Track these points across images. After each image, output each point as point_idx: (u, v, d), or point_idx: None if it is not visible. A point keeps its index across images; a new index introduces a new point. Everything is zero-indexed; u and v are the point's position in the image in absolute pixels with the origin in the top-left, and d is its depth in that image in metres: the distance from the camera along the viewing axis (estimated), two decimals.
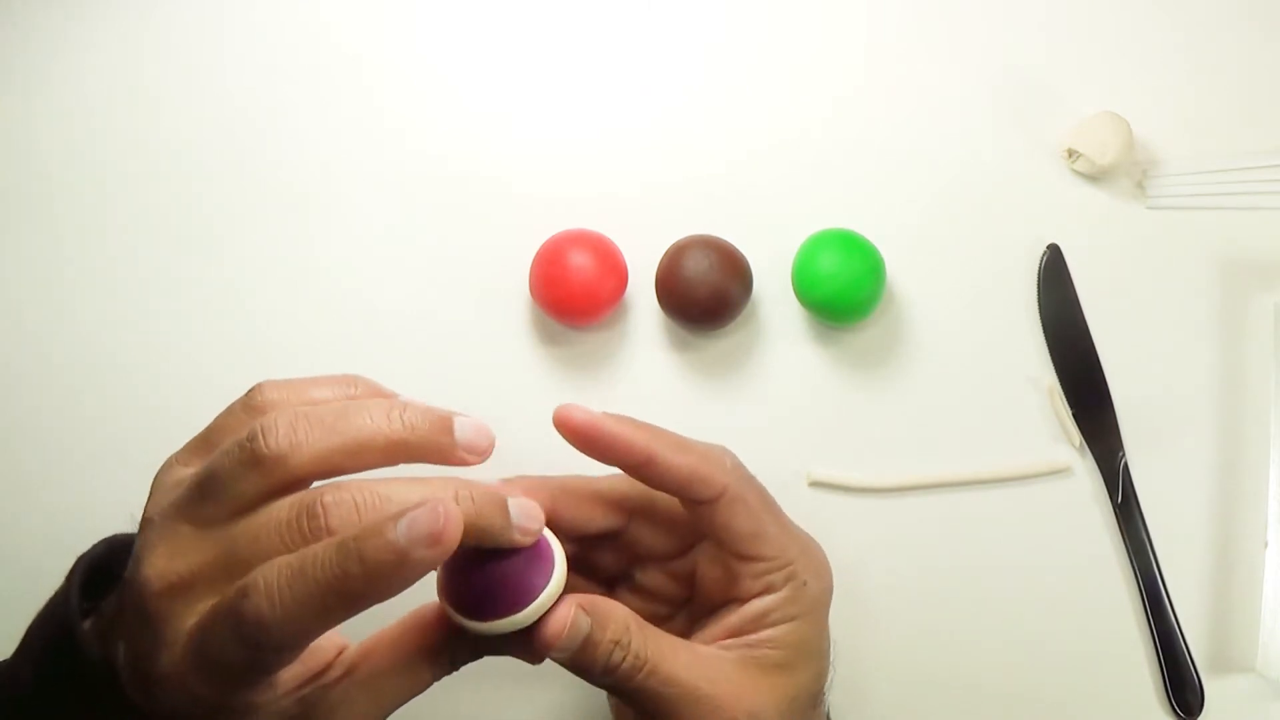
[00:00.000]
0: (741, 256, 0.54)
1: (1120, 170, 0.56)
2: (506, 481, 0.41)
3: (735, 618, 0.41)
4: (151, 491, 0.37)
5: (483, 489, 0.37)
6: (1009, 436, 0.54)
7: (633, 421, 0.41)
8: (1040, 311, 0.55)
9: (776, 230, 0.55)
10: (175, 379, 0.56)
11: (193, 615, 0.34)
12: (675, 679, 0.39)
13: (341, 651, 0.38)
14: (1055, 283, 0.56)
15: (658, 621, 0.42)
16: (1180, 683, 0.51)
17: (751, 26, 0.59)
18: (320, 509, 0.34)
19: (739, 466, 0.42)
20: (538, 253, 0.54)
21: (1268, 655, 0.51)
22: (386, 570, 0.32)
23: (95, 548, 0.41)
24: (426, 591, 0.38)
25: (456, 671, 0.39)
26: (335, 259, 0.57)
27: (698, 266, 0.52)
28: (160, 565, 0.35)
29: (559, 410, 0.40)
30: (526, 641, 0.38)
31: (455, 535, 0.32)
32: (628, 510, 0.43)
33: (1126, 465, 0.54)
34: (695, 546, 0.43)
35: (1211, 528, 0.53)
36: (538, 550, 0.38)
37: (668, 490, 0.41)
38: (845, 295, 0.53)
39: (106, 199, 0.57)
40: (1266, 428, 0.54)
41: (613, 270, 0.54)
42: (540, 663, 0.39)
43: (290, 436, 0.34)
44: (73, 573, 0.39)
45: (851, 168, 0.57)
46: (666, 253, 0.54)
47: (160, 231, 0.57)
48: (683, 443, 0.41)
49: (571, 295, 0.53)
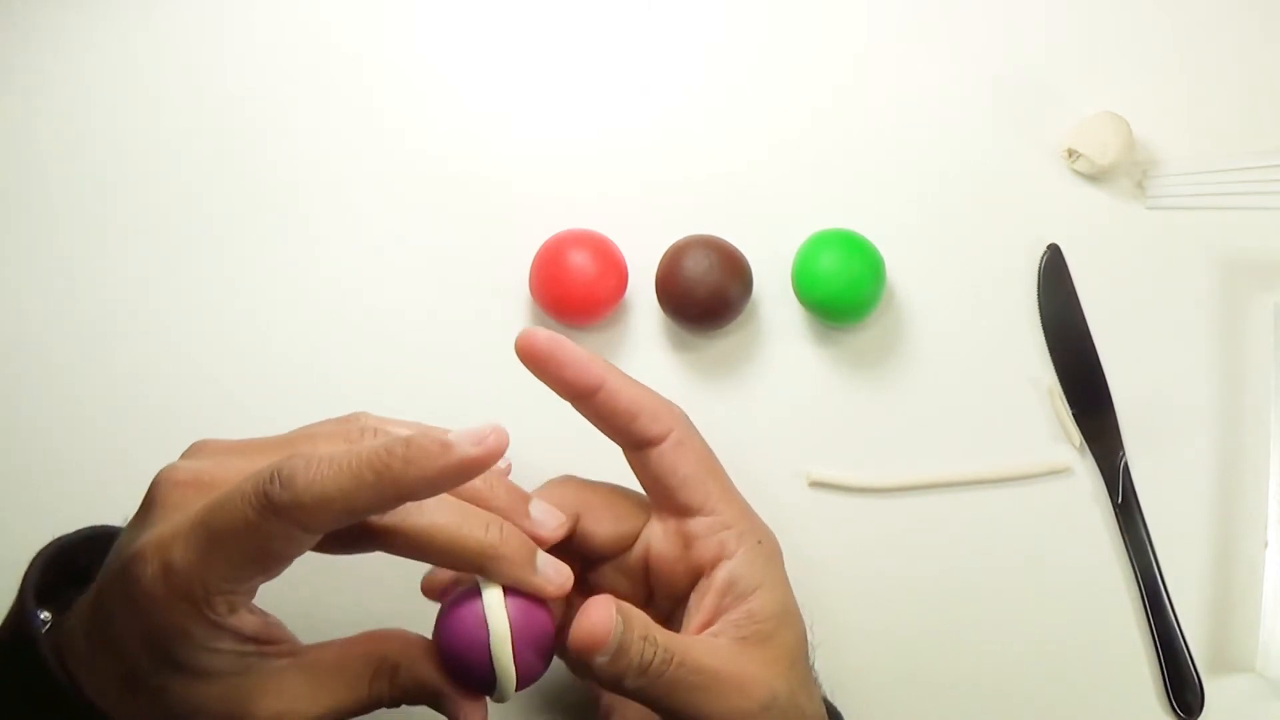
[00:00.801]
0: (741, 256, 0.54)
1: (1120, 170, 0.56)
2: None
3: (709, 597, 0.41)
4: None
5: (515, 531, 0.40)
6: (1009, 436, 0.54)
7: (588, 352, 0.42)
8: (1040, 311, 0.55)
9: (776, 230, 0.55)
10: (176, 379, 0.56)
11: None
12: (702, 665, 0.39)
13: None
14: (1055, 283, 0.56)
15: None
16: (1180, 683, 0.51)
17: (752, 26, 0.59)
18: (372, 424, 0.39)
19: (688, 420, 0.43)
20: (538, 253, 0.54)
21: (1268, 655, 0.51)
22: (429, 456, 0.34)
23: (63, 540, 0.41)
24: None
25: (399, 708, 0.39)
26: (335, 259, 0.57)
27: (698, 266, 0.52)
28: (189, 465, 0.37)
29: (524, 334, 0.41)
30: (567, 654, 0.38)
31: (502, 442, 0.35)
32: (571, 513, 0.43)
33: (1126, 465, 0.54)
34: (641, 533, 0.44)
35: (1211, 528, 0.53)
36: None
37: (615, 422, 0.42)
38: (845, 295, 0.53)
39: (105, 200, 0.57)
40: (1266, 428, 0.54)
41: (613, 270, 0.54)
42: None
43: None
44: (28, 575, 0.39)
45: (851, 168, 0.57)
46: (666, 253, 0.54)
47: (159, 231, 0.57)
48: (634, 380, 0.42)
49: (571, 295, 0.53)
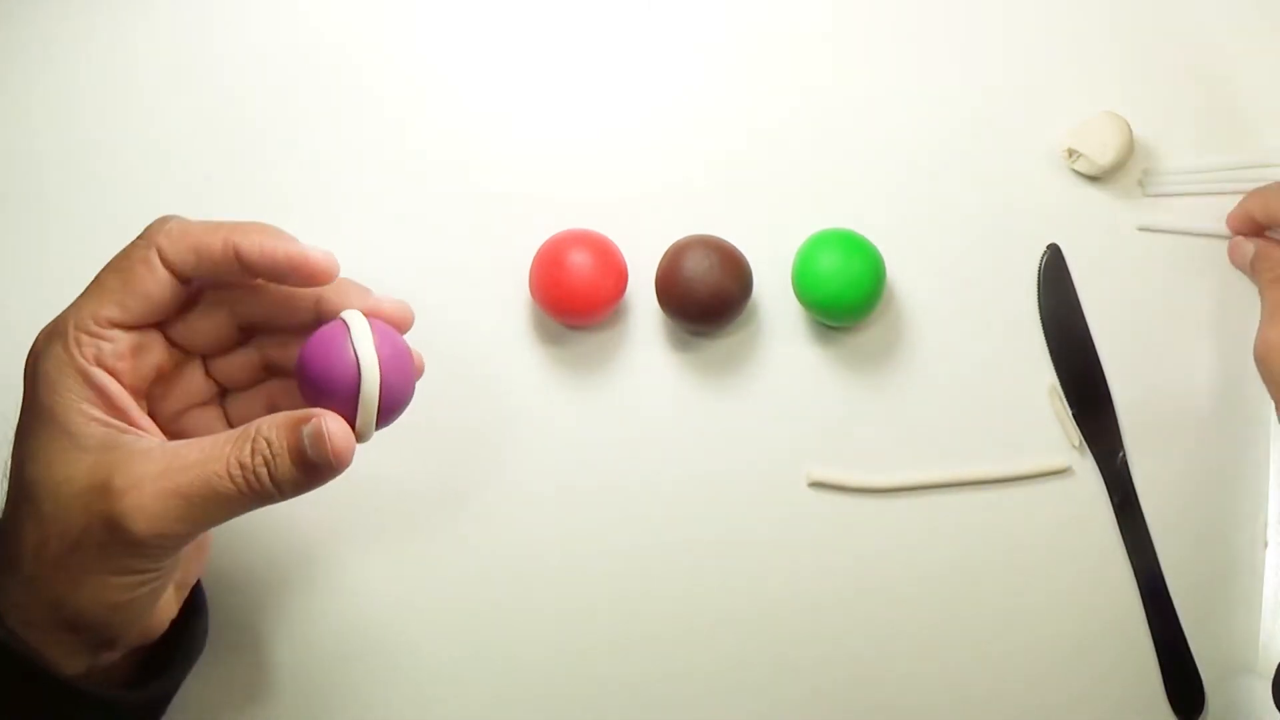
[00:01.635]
0: (741, 256, 0.54)
1: (1120, 170, 0.56)
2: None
3: None
4: None
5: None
6: (1009, 436, 0.54)
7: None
8: (1040, 312, 0.55)
9: (776, 230, 0.55)
10: None
11: None
12: None
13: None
14: (1055, 283, 0.56)
15: None
16: (1180, 683, 0.51)
17: (752, 26, 0.59)
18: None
19: None
20: (538, 253, 0.54)
21: (1268, 655, 0.51)
22: (278, 236, 0.43)
23: None
24: None
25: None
26: (336, 259, 0.57)
27: (698, 266, 0.52)
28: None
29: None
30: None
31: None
32: None
33: (1127, 465, 0.54)
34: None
35: (1211, 528, 0.53)
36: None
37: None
38: (845, 295, 0.53)
39: (104, 200, 0.57)
40: (1266, 428, 0.54)
41: (613, 270, 0.54)
42: None
43: None
44: None
45: (852, 168, 0.57)
46: (666, 253, 0.54)
47: None
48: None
49: (571, 295, 0.53)
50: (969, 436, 0.54)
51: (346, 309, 0.43)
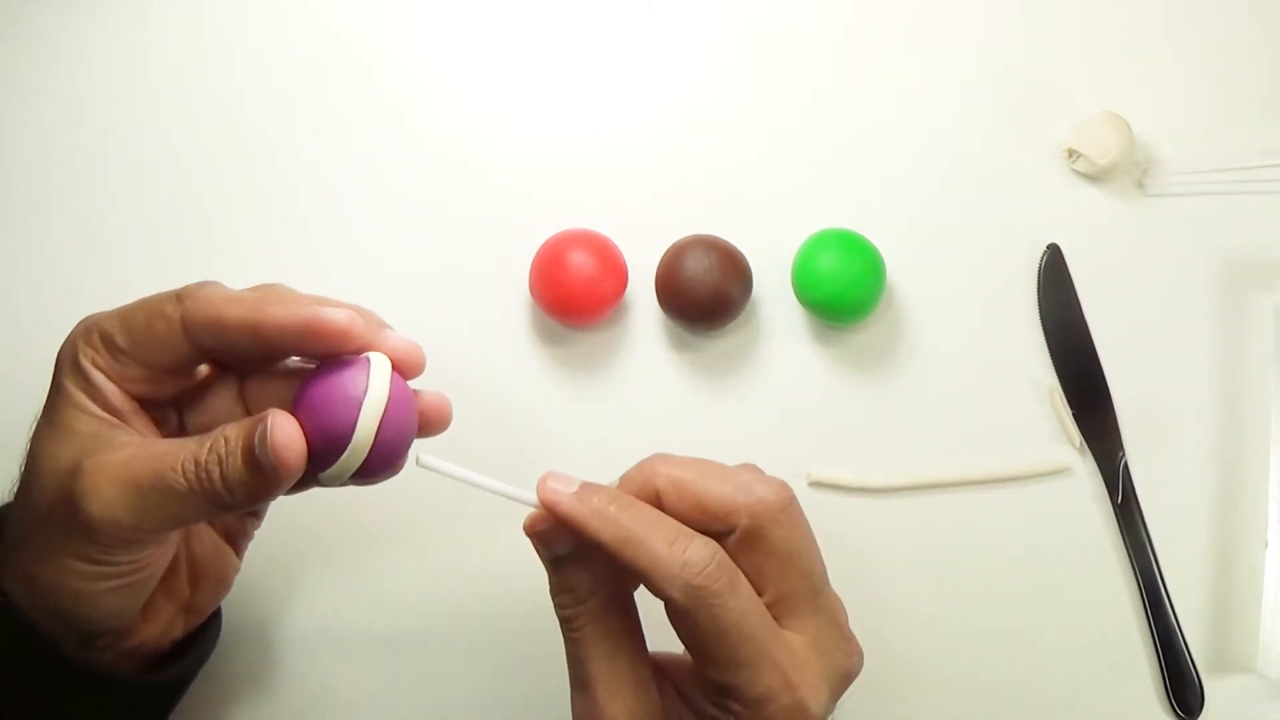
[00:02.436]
0: (741, 256, 0.54)
1: (1120, 170, 0.56)
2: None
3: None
4: None
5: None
6: (1009, 436, 0.54)
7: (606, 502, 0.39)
8: (1040, 311, 0.55)
9: (776, 230, 0.55)
10: None
11: None
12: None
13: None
14: (1055, 283, 0.56)
15: None
16: (1180, 683, 0.51)
17: (751, 26, 0.59)
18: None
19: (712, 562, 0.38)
20: (538, 253, 0.54)
21: (1268, 655, 0.51)
22: (298, 301, 0.39)
23: None
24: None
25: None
26: (335, 259, 0.57)
27: (698, 266, 0.52)
28: None
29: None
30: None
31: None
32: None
33: (1126, 465, 0.54)
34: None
35: (1211, 528, 0.53)
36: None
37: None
38: (845, 295, 0.53)
39: (104, 201, 0.57)
40: (1266, 428, 0.54)
41: (613, 270, 0.54)
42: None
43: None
44: None
45: (851, 168, 0.57)
46: (666, 253, 0.54)
47: (159, 232, 0.57)
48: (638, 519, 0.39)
49: (571, 295, 0.53)
50: (969, 436, 0.54)
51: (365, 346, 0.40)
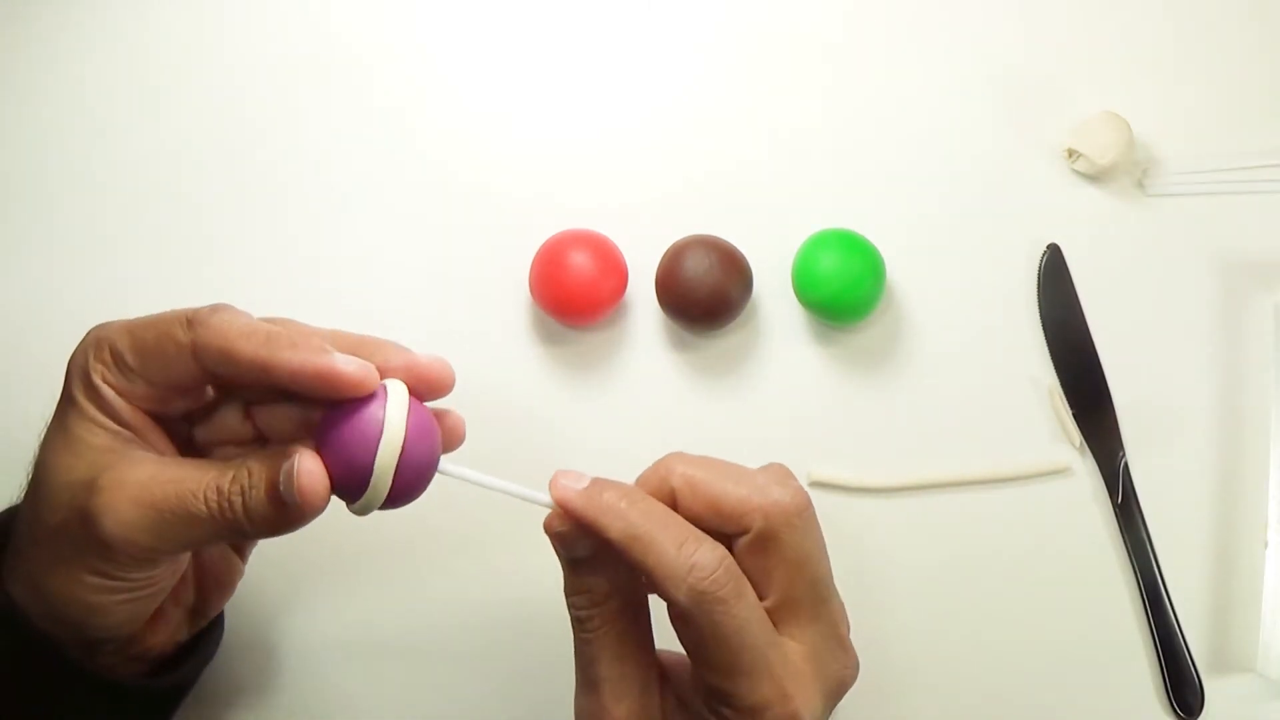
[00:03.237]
0: (741, 256, 0.54)
1: (1120, 170, 0.56)
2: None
3: None
4: None
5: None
6: (1009, 436, 0.54)
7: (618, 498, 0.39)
8: (1040, 311, 0.55)
9: (776, 230, 0.55)
10: None
11: None
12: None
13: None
14: (1055, 283, 0.56)
15: None
16: (1180, 683, 0.51)
17: (752, 26, 0.59)
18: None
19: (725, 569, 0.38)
20: (538, 253, 0.54)
21: (1268, 655, 0.51)
22: (312, 350, 0.38)
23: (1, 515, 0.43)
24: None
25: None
26: (335, 259, 0.57)
27: (698, 266, 0.52)
28: None
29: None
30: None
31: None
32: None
33: (1126, 465, 0.54)
34: None
35: (1211, 528, 0.53)
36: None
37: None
38: (845, 295, 0.53)
39: (104, 201, 0.57)
40: (1266, 428, 0.54)
41: (613, 270, 0.54)
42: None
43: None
44: None
45: (851, 168, 0.57)
46: (666, 253, 0.54)
47: (158, 233, 0.57)
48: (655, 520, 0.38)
49: (571, 295, 0.53)
50: (969, 436, 0.54)
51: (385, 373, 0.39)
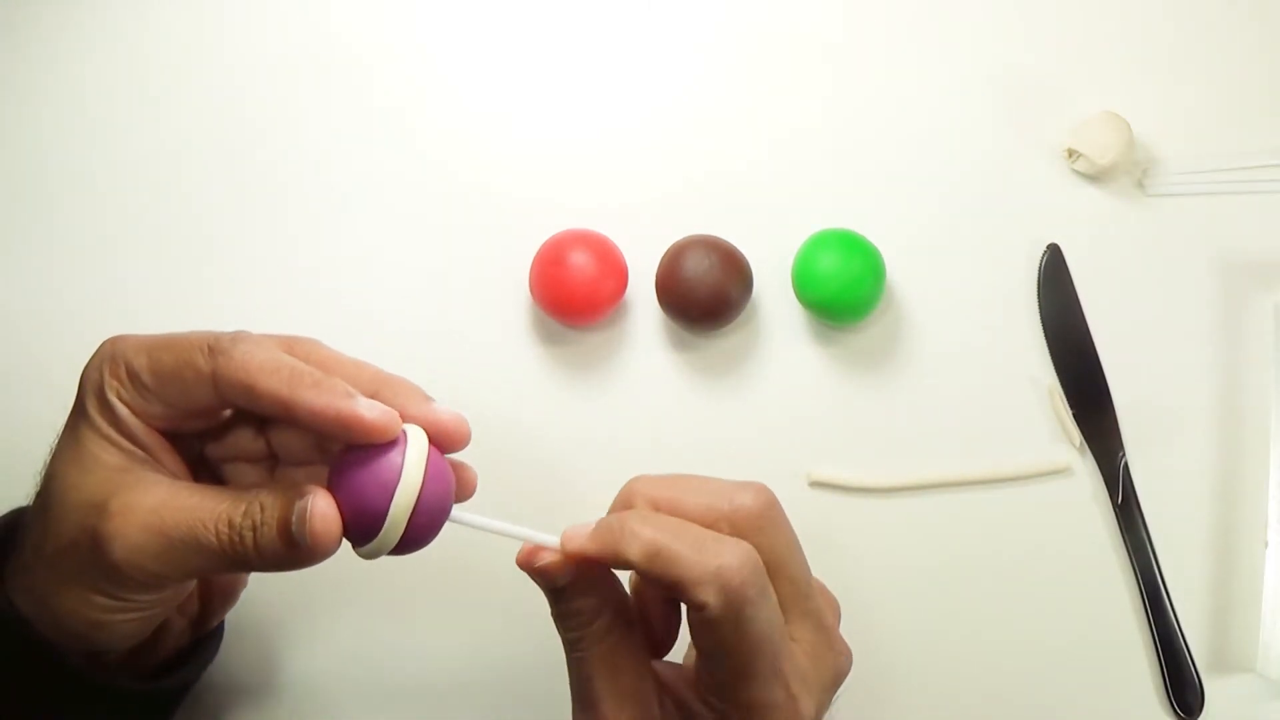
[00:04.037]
0: (741, 256, 0.54)
1: (1120, 170, 0.56)
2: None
3: None
4: None
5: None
6: (1009, 436, 0.54)
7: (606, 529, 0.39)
8: (1040, 311, 0.55)
9: (776, 230, 0.55)
10: None
11: None
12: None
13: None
14: (1055, 283, 0.56)
15: None
16: (1180, 683, 0.51)
17: (752, 27, 0.59)
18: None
19: (748, 568, 0.37)
20: (538, 253, 0.54)
21: (1268, 655, 0.51)
22: (334, 394, 0.37)
23: (3, 518, 0.43)
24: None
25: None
26: (335, 259, 0.57)
27: (698, 266, 0.52)
28: None
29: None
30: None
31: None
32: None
33: (1126, 465, 0.54)
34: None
35: (1211, 528, 0.53)
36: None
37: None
38: (845, 295, 0.53)
39: (105, 201, 0.57)
40: (1266, 428, 0.54)
41: (613, 270, 0.54)
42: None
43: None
44: None
45: (851, 168, 0.57)
46: (666, 253, 0.54)
47: (159, 232, 0.57)
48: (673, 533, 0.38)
49: (571, 295, 0.53)
50: (969, 436, 0.54)
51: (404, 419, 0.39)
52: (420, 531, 0.38)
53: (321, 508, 0.37)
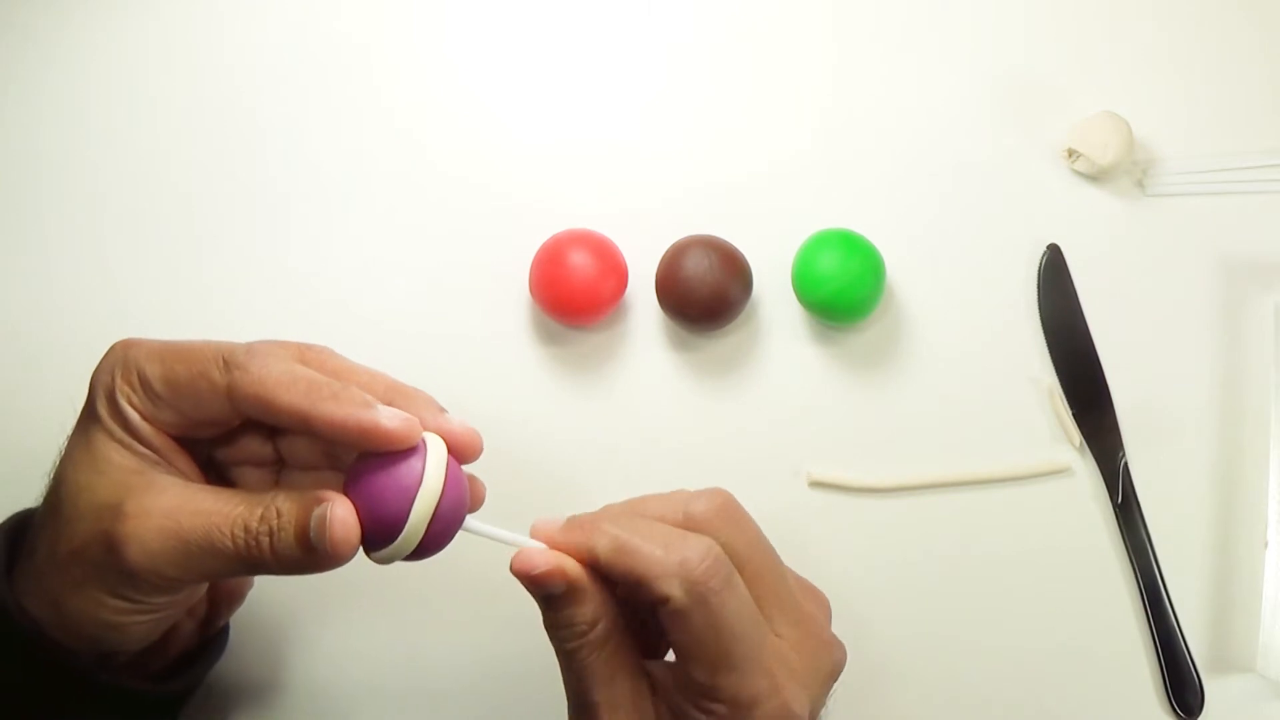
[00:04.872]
0: (741, 256, 0.54)
1: (1120, 170, 0.56)
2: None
3: None
4: None
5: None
6: (1009, 436, 0.54)
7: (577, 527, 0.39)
8: (1040, 311, 0.55)
9: (776, 230, 0.55)
10: None
11: None
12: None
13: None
14: (1055, 283, 0.56)
15: None
16: (1180, 683, 0.51)
17: (752, 27, 0.59)
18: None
19: (712, 560, 0.37)
20: (538, 253, 0.54)
21: (1268, 655, 0.51)
22: (355, 404, 0.38)
23: (9, 520, 0.43)
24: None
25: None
26: (336, 259, 0.57)
27: (698, 266, 0.52)
28: None
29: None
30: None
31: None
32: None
33: (1126, 465, 0.54)
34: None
35: (1211, 528, 0.53)
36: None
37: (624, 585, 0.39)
38: (845, 295, 0.53)
39: (105, 201, 0.57)
40: (1266, 428, 0.53)
41: (613, 270, 0.54)
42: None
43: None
44: None
45: (851, 168, 0.57)
46: (666, 253, 0.54)
47: (159, 234, 0.57)
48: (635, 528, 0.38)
49: (571, 295, 0.53)
50: (969, 436, 0.54)
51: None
52: (436, 538, 0.38)
53: (341, 514, 0.37)
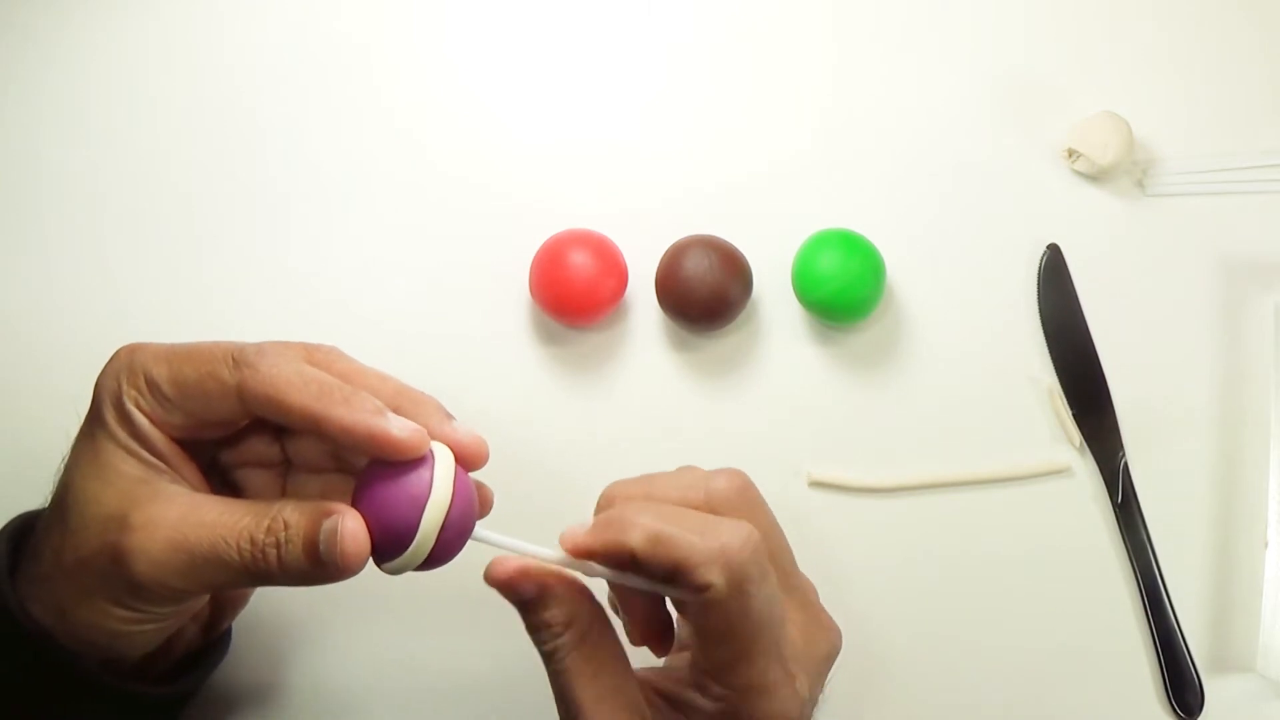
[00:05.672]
0: (741, 256, 0.54)
1: (1120, 170, 0.56)
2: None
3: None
4: None
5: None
6: (1009, 436, 0.54)
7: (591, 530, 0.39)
8: (1040, 311, 0.55)
9: (776, 230, 0.55)
10: None
11: None
12: None
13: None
14: (1055, 283, 0.56)
15: None
16: (1180, 683, 0.51)
17: (752, 27, 0.59)
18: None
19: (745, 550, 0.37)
20: (538, 253, 0.54)
21: (1268, 655, 0.51)
22: (366, 412, 0.38)
23: (12, 522, 0.42)
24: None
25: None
26: (336, 259, 0.57)
27: (698, 266, 0.52)
28: None
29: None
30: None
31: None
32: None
33: (1126, 465, 0.54)
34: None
35: (1211, 528, 0.53)
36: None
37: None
38: (845, 295, 0.53)
39: (105, 201, 0.57)
40: (1266, 428, 0.53)
41: (613, 270, 0.54)
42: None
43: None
44: None
45: (851, 168, 0.57)
46: (666, 253, 0.54)
47: (158, 234, 0.57)
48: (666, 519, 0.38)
49: (571, 295, 0.53)
50: (969, 436, 0.54)
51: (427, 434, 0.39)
52: (446, 548, 0.38)
53: (351, 528, 0.37)
